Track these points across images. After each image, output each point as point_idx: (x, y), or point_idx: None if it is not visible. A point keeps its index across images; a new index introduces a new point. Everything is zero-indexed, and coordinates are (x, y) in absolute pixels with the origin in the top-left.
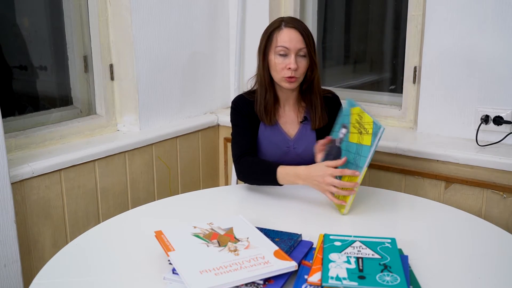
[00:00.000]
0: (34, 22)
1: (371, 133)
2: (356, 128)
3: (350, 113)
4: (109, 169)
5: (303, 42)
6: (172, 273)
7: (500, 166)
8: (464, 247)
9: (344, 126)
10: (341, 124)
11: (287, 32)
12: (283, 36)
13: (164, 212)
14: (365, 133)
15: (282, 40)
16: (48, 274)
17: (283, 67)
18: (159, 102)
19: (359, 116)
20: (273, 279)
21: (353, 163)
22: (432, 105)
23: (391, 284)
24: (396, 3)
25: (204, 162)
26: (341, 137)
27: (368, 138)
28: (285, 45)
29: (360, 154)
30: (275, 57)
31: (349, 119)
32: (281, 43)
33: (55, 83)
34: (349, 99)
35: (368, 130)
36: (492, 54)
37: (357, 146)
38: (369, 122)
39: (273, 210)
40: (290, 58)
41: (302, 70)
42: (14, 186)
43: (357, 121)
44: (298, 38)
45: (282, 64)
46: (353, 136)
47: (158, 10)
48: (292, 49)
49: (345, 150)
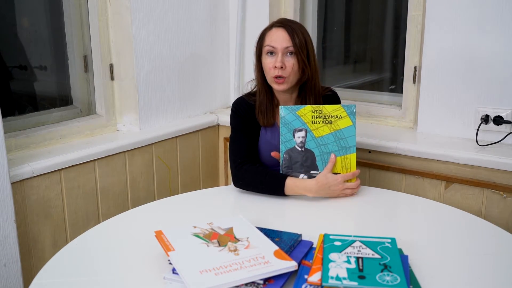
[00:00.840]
0: (34, 22)
1: (346, 115)
2: (320, 122)
3: (298, 116)
4: (109, 169)
5: (290, 41)
6: (172, 273)
7: (500, 166)
8: (464, 247)
9: (298, 130)
10: (292, 130)
11: (274, 32)
12: (271, 35)
13: (164, 212)
14: (337, 119)
15: (269, 39)
16: (48, 274)
17: (271, 67)
18: (159, 102)
19: (316, 111)
20: (273, 279)
21: (340, 147)
22: (432, 105)
23: (391, 284)
24: (396, 3)
25: (204, 162)
26: (302, 140)
27: (345, 120)
28: (271, 44)
29: (344, 136)
30: (264, 58)
31: (301, 121)
32: (268, 42)
33: (55, 83)
34: (284, 107)
35: (339, 115)
36: (492, 54)
37: (335, 133)
38: (336, 109)
39: (273, 210)
40: (277, 56)
41: (290, 69)
42: (14, 186)
43: (317, 117)
44: (284, 37)
45: (270, 63)
46: (321, 130)
47: (158, 10)
48: (279, 48)
49: (317, 146)
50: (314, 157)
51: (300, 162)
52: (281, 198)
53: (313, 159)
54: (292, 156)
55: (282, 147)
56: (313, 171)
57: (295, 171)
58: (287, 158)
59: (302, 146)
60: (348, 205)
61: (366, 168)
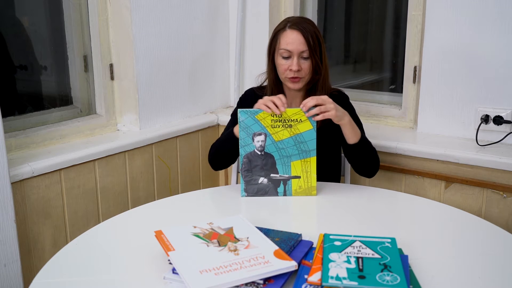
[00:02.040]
0: (34, 22)
1: (306, 119)
2: (280, 125)
3: (258, 120)
4: (109, 169)
5: (305, 45)
6: (172, 273)
7: (500, 165)
8: (464, 247)
9: (258, 134)
10: (251, 134)
11: (289, 34)
12: (286, 38)
13: (164, 212)
14: (297, 123)
15: (285, 42)
16: (48, 274)
17: (286, 69)
18: (159, 102)
19: (275, 115)
20: (273, 278)
21: (300, 151)
22: (432, 105)
23: (391, 284)
24: (396, 3)
25: (204, 162)
26: (261, 144)
27: (305, 124)
28: (287, 48)
29: (304, 140)
30: (279, 59)
31: (260, 125)
32: (284, 45)
33: (55, 83)
34: (243, 110)
35: (299, 118)
36: (492, 54)
37: (295, 137)
38: (296, 113)
39: (273, 210)
40: (293, 60)
41: (306, 71)
42: (14, 186)
43: (276, 121)
44: (300, 40)
45: (285, 65)
46: (281, 134)
47: (158, 10)
48: (295, 51)
49: (277, 150)
50: (274, 161)
51: (260, 165)
52: (281, 198)
53: (273, 162)
54: (252, 160)
55: (242, 151)
56: (273, 175)
57: (254, 174)
58: (246, 161)
59: (261, 150)
60: (348, 205)
61: None
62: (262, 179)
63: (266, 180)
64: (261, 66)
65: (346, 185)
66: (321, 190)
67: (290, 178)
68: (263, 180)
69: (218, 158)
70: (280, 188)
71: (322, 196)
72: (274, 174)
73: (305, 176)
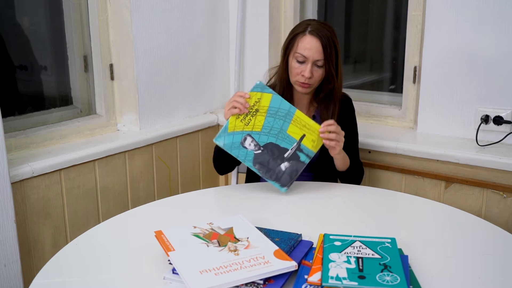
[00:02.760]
0: (34, 22)
1: (261, 92)
2: (249, 117)
3: (232, 132)
4: (109, 169)
5: (322, 53)
6: (172, 273)
7: (500, 166)
8: (464, 247)
9: (244, 140)
10: (239, 147)
11: (308, 40)
12: (304, 43)
13: (164, 212)
14: (259, 102)
15: (302, 47)
16: (48, 274)
17: (298, 73)
18: (159, 102)
19: (238, 116)
20: (273, 279)
21: (283, 118)
22: (432, 105)
23: (391, 284)
24: (396, 3)
25: (204, 162)
26: (253, 144)
27: (265, 97)
28: (303, 53)
29: (277, 107)
30: (293, 61)
31: (237, 133)
32: (300, 50)
33: (55, 83)
34: (217, 138)
35: (257, 98)
36: (492, 54)
37: (268, 113)
38: (250, 97)
39: (273, 210)
40: (307, 66)
41: (317, 79)
42: (14, 186)
43: (243, 118)
44: (317, 48)
45: (298, 69)
46: (257, 122)
47: (158, 10)
48: (310, 58)
49: (267, 135)
50: (275, 144)
51: (270, 158)
52: (281, 198)
53: (276, 146)
54: (261, 161)
55: (247, 165)
56: (286, 154)
57: (274, 168)
58: (259, 167)
59: (259, 148)
60: (348, 205)
61: (366, 168)
62: (282, 165)
63: (287, 163)
64: (261, 66)
65: (346, 185)
66: (321, 190)
67: (299, 143)
68: (284, 165)
69: (222, 163)
70: (301, 157)
71: (322, 196)
72: (286, 153)
73: (308, 130)
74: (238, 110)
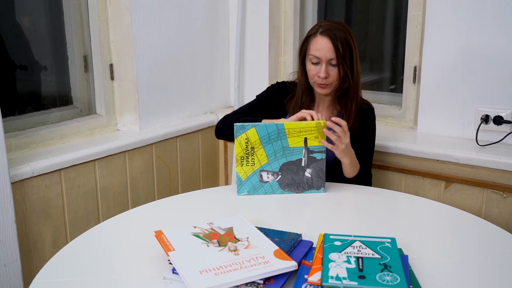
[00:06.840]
0: (34, 22)
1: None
2: (250, 157)
3: (244, 177)
4: (109, 169)
5: (334, 52)
6: (172, 273)
7: (500, 166)
8: (464, 247)
9: (261, 174)
10: (258, 182)
11: (319, 41)
12: (316, 44)
13: (164, 212)
14: (259, 147)
15: (314, 48)
16: (48, 274)
17: (315, 74)
18: (159, 102)
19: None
20: (273, 278)
21: (280, 138)
22: (432, 105)
23: (391, 284)
24: (396, 3)
25: (204, 162)
26: (271, 177)
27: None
28: (315, 54)
29: (277, 129)
30: (308, 64)
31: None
32: (313, 51)
33: (55, 83)
34: (238, 188)
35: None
36: (492, 54)
37: (267, 147)
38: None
39: (273, 210)
40: (321, 66)
41: (334, 78)
42: (14, 186)
43: (246, 152)
44: (329, 47)
45: (313, 71)
46: (260, 152)
47: (158, 10)
48: (323, 58)
49: (277, 159)
50: (288, 163)
51: (293, 175)
52: (281, 198)
53: (290, 163)
54: (287, 182)
55: (280, 193)
56: (303, 163)
57: (301, 181)
58: (289, 188)
59: (277, 175)
60: (348, 205)
61: None
62: (306, 172)
63: (309, 169)
64: (261, 66)
65: (346, 185)
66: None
67: (306, 147)
68: (308, 171)
69: (229, 132)
70: (316, 156)
71: (322, 196)
72: (302, 163)
73: (305, 132)
74: (310, 118)
